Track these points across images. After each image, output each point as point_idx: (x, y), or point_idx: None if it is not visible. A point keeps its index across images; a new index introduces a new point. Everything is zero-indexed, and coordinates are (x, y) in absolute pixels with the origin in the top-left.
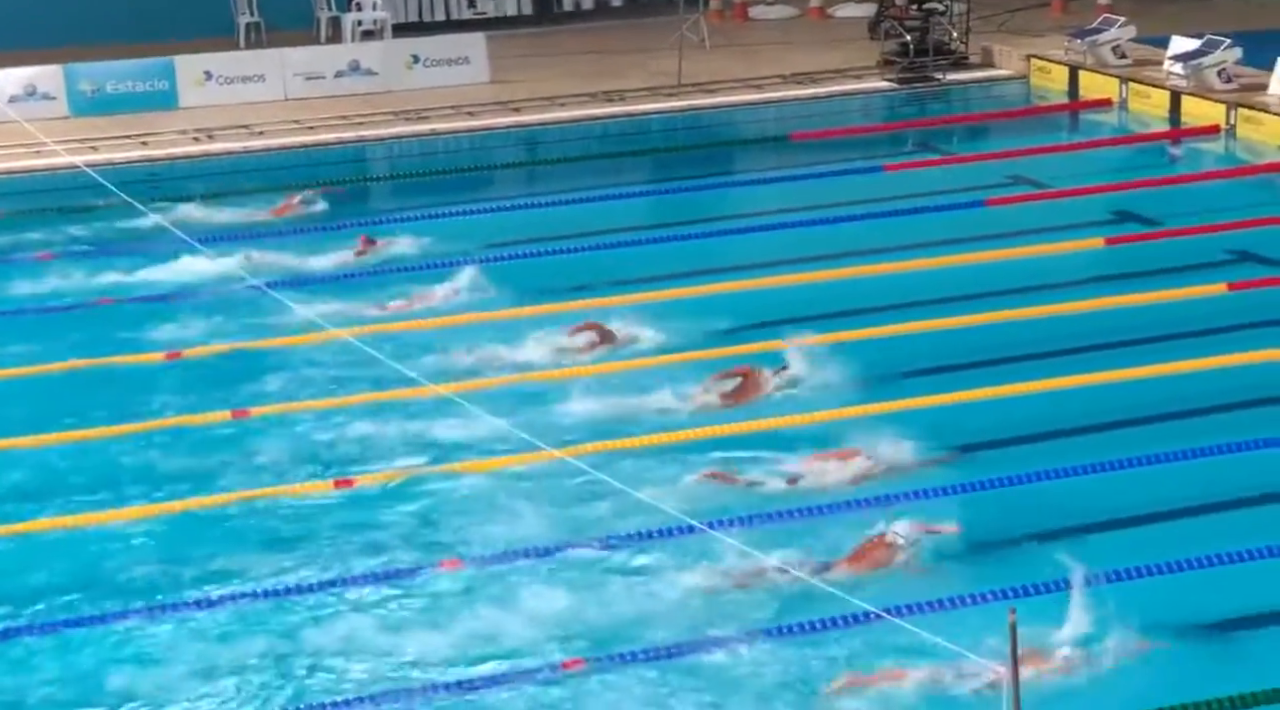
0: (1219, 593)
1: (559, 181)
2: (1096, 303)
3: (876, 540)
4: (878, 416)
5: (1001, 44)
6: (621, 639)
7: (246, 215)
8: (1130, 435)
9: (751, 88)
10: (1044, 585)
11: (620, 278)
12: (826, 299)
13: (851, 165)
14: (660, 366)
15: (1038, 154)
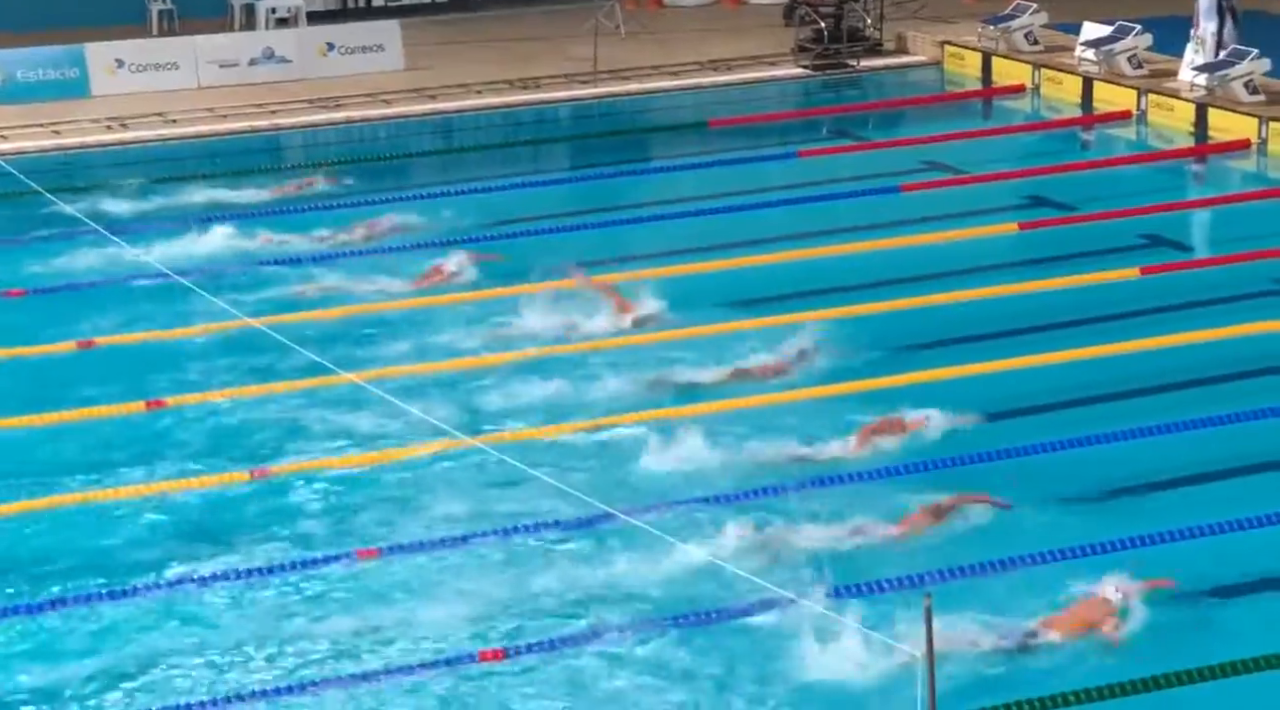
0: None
1: (475, 169)
2: (1011, 288)
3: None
4: (794, 402)
5: (916, 31)
6: (540, 628)
7: (162, 204)
8: (1046, 420)
9: (668, 74)
10: (960, 569)
11: (539, 265)
12: (742, 285)
13: (767, 151)
14: (580, 353)
15: (952, 140)
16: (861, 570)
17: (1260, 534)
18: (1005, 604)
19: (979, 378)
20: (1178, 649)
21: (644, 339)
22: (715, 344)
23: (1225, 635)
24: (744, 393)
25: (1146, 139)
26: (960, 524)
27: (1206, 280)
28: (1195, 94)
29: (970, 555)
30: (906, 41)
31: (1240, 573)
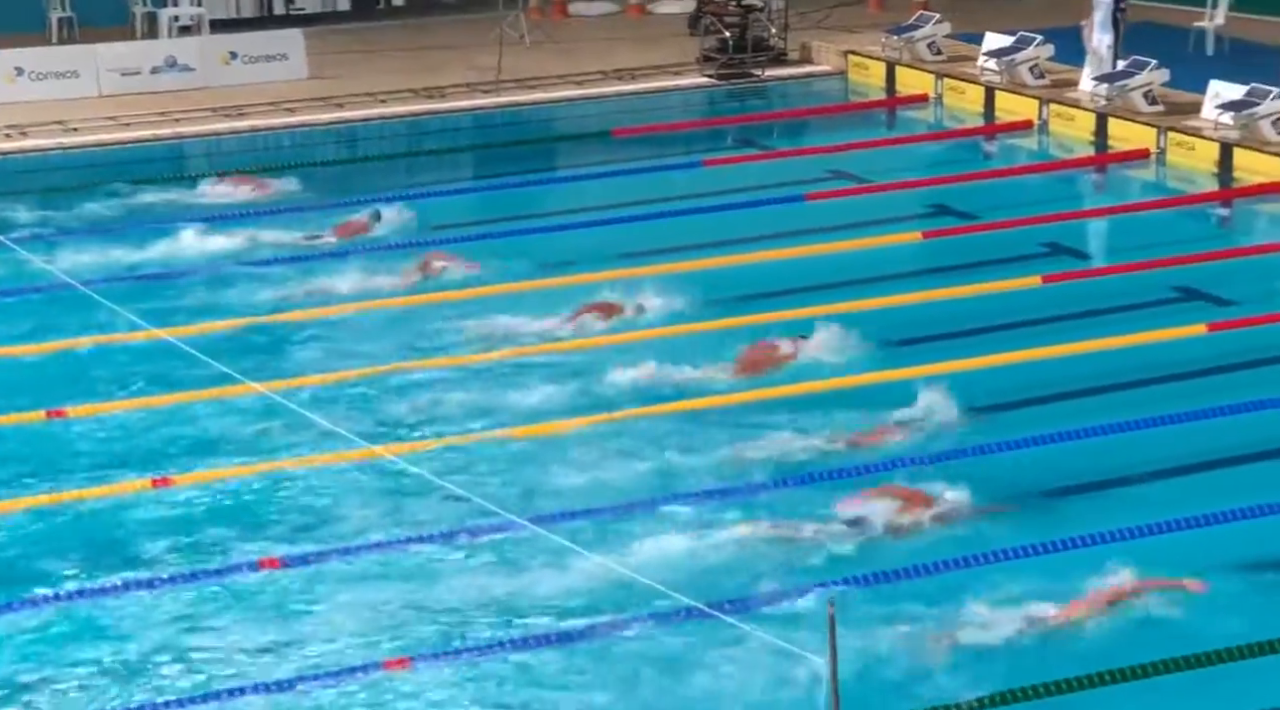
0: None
1: (379, 178)
2: (914, 296)
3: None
4: (702, 410)
5: (820, 40)
6: (447, 637)
7: (62, 213)
8: (950, 430)
9: (572, 84)
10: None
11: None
12: (648, 294)
13: (672, 161)
14: (489, 364)
15: (856, 149)
16: (774, 577)
17: (1170, 539)
18: (916, 613)
19: (881, 385)
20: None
21: (556, 347)
22: (619, 352)
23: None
24: (656, 401)
25: (1048, 148)
26: (863, 533)
27: (1107, 288)
28: (1095, 104)
29: (878, 563)
30: (811, 51)
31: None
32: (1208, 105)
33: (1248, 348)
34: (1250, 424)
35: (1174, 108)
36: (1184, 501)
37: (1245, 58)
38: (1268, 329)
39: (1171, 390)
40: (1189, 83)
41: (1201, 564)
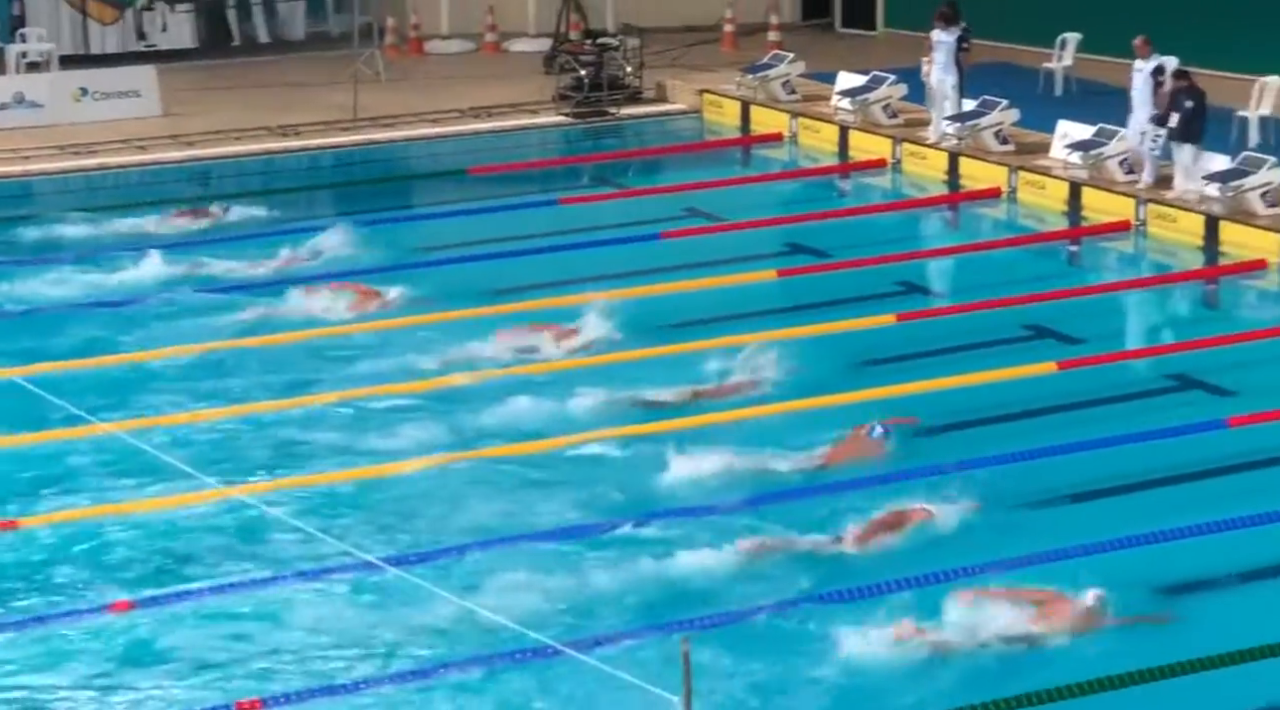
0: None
1: (233, 216)
2: (770, 334)
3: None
4: (561, 449)
5: (675, 79)
6: (298, 677)
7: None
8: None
9: (428, 122)
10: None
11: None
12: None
13: (528, 199)
14: (346, 401)
15: (711, 188)
16: (626, 616)
17: (1018, 574)
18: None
19: (737, 425)
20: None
21: (419, 387)
22: (476, 391)
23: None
24: (512, 439)
25: (901, 187)
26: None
27: (960, 326)
28: (947, 143)
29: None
30: (666, 90)
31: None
32: (1057, 145)
33: (1096, 385)
34: (1100, 459)
35: (1024, 147)
36: (1035, 536)
37: (1093, 98)
38: (1115, 367)
39: (1023, 427)
40: (1038, 122)
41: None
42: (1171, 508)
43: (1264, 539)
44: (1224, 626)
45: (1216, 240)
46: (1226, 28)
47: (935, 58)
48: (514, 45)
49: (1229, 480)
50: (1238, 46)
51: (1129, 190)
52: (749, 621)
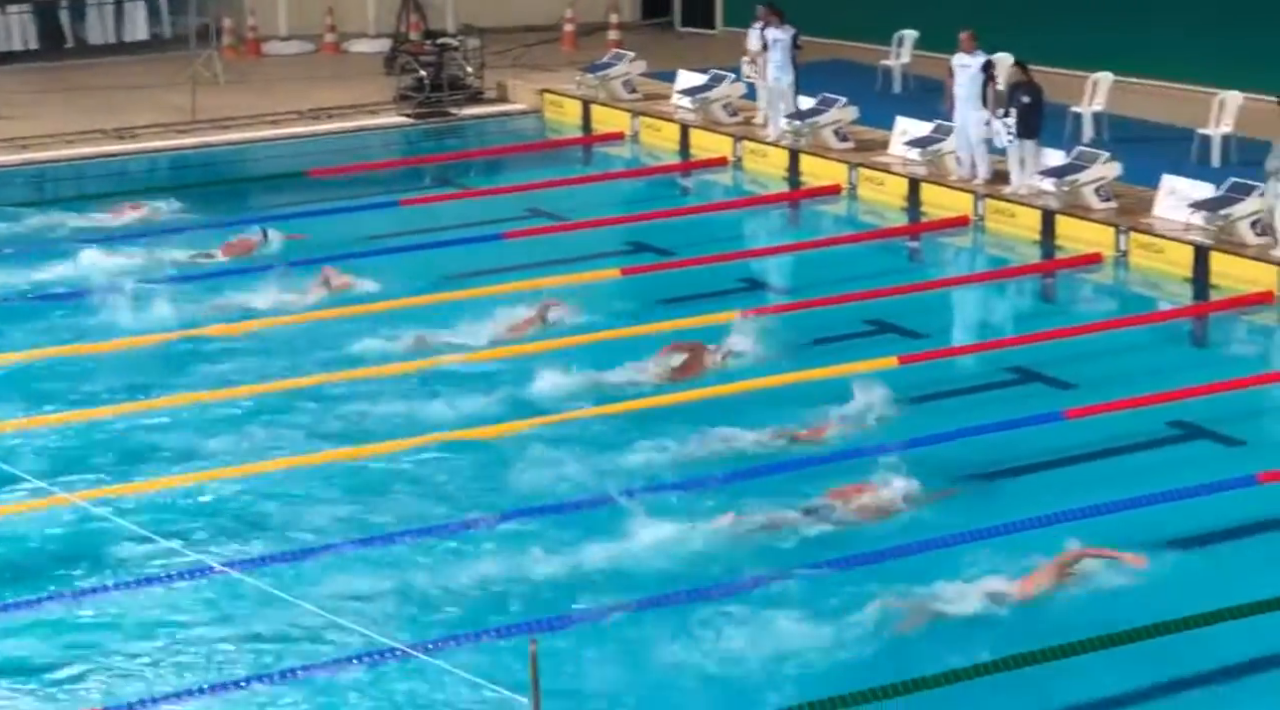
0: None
1: (70, 220)
2: (614, 333)
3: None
4: (408, 450)
5: (516, 79)
6: (141, 683)
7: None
8: (661, 461)
9: (267, 123)
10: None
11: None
12: (340, 335)
13: (369, 200)
14: (188, 405)
15: (554, 187)
16: (474, 618)
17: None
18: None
19: (586, 421)
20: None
21: (258, 389)
22: (321, 392)
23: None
24: (347, 443)
25: (743, 185)
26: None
27: (803, 322)
28: (787, 141)
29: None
30: (507, 90)
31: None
32: (895, 141)
33: (936, 379)
34: (939, 453)
35: (863, 144)
36: (877, 530)
37: (930, 95)
38: (955, 361)
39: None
40: (877, 119)
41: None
42: (1012, 499)
43: (1101, 529)
44: (1069, 616)
45: (1053, 234)
46: (1060, 24)
47: (771, 56)
48: (353, 46)
49: (1066, 472)
50: (1071, 43)
51: (967, 186)
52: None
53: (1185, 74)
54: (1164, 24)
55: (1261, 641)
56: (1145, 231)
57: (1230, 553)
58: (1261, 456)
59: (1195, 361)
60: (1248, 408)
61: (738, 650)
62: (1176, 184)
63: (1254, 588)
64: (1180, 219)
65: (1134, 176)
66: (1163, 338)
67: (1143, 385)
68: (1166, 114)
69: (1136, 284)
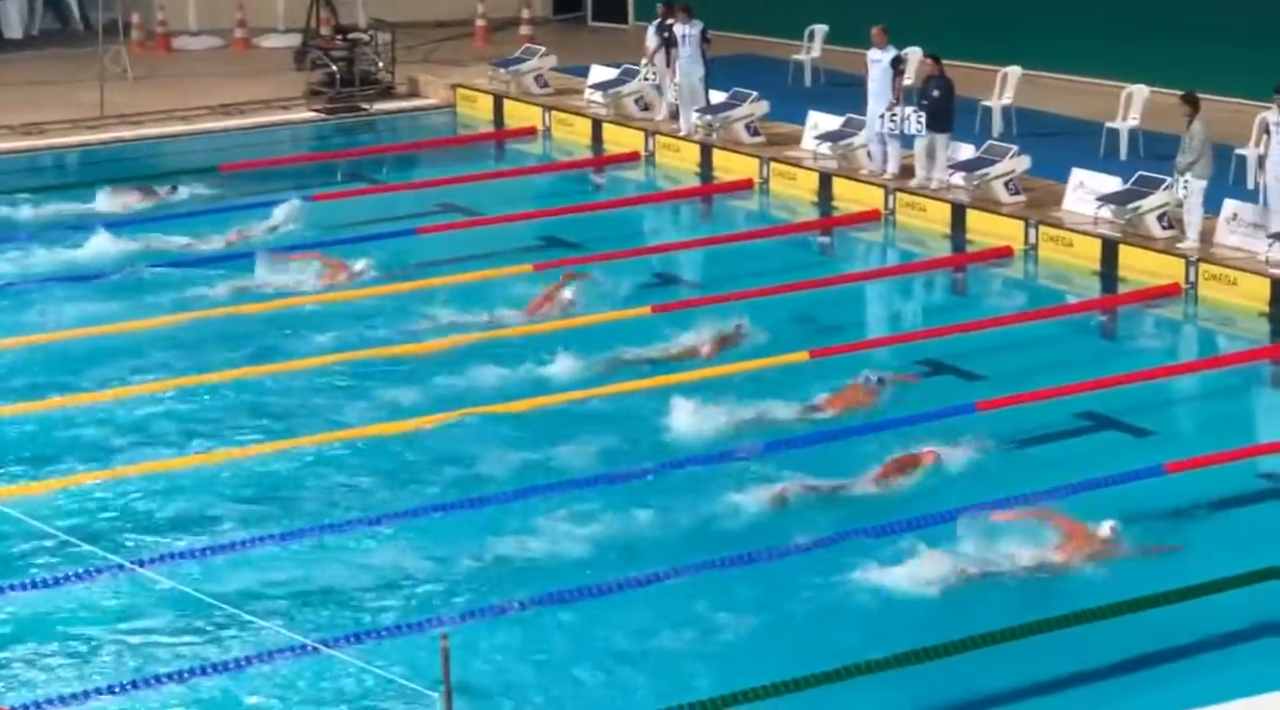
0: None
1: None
2: (528, 329)
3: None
4: (323, 445)
5: (427, 74)
6: (39, 684)
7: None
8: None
9: (178, 119)
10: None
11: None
12: (253, 330)
13: (280, 196)
14: (97, 403)
15: (466, 182)
16: (387, 614)
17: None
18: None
19: (516, 415)
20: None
21: (155, 387)
22: (231, 387)
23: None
24: (273, 438)
25: (655, 180)
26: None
27: (716, 315)
28: (699, 136)
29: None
30: (419, 85)
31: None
32: (807, 136)
33: (848, 372)
34: (851, 445)
35: (775, 139)
36: (789, 520)
37: (841, 89)
38: (866, 354)
39: (777, 415)
40: (789, 114)
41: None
42: (922, 492)
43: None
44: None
45: (964, 228)
46: (970, 19)
47: (681, 51)
48: (264, 41)
49: (977, 463)
50: (981, 37)
51: (879, 180)
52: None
53: (1093, 68)
54: (1072, 19)
55: (1171, 632)
56: (1054, 225)
57: (1139, 542)
58: (1169, 447)
59: (1104, 354)
60: (1155, 399)
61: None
62: (1085, 178)
63: (1163, 578)
64: (1089, 212)
65: (1043, 170)
66: (1072, 330)
67: (1052, 377)
68: (1075, 108)
69: (1046, 277)
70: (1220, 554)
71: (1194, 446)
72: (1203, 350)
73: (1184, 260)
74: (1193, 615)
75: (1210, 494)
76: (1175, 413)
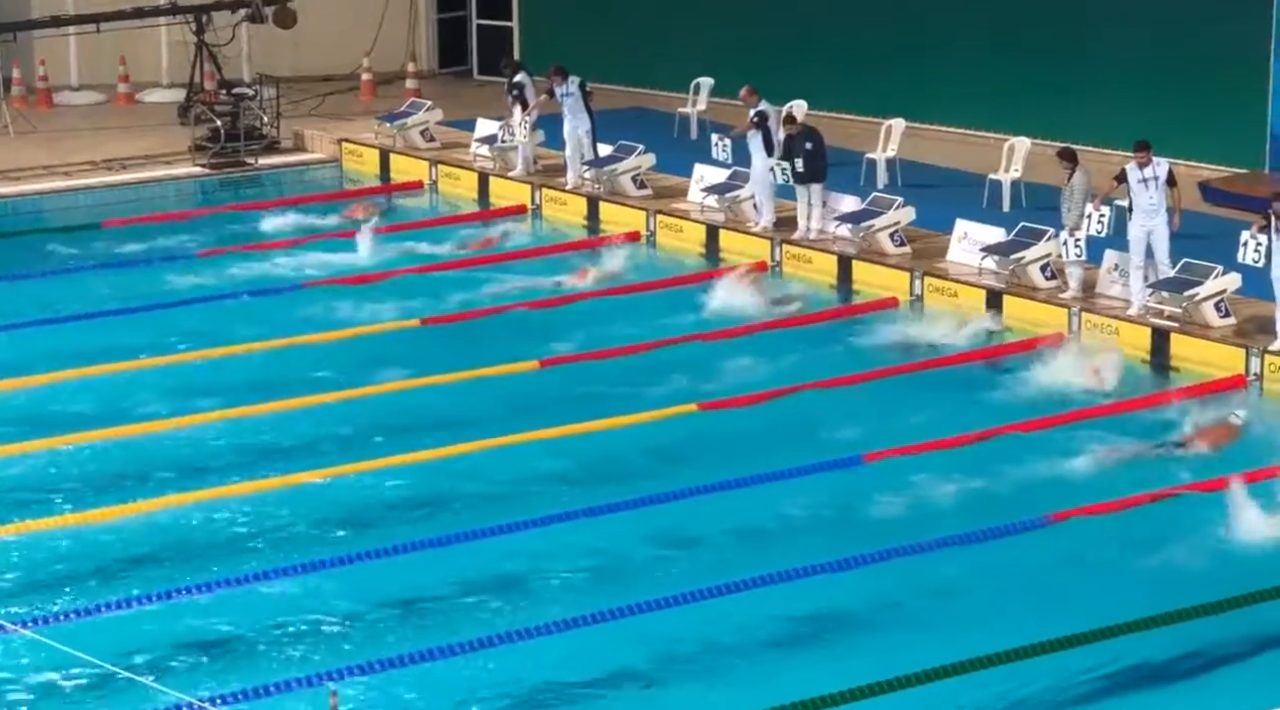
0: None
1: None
2: (415, 382)
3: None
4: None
5: (313, 128)
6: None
7: None
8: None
9: (59, 175)
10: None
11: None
12: (141, 387)
13: (165, 251)
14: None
15: (351, 237)
16: (272, 669)
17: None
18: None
19: (397, 469)
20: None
21: (45, 444)
22: (124, 447)
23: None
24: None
25: (540, 231)
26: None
27: (602, 372)
28: (585, 189)
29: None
30: (304, 139)
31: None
32: (693, 188)
33: (732, 427)
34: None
35: (661, 191)
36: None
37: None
38: (752, 409)
39: (662, 469)
40: (675, 167)
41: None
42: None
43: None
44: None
45: (850, 280)
46: (853, 71)
47: (564, 111)
48: (148, 96)
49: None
50: (864, 90)
51: (765, 232)
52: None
53: (974, 121)
54: (953, 72)
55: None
56: (940, 276)
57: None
58: (1052, 496)
59: (989, 404)
60: (1039, 448)
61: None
62: (969, 228)
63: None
64: (973, 263)
65: (928, 221)
66: (958, 381)
67: (938, 429)
68: (957, 160)
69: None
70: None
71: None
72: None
73: (1066, 310)
74: None
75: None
76: (1058, 462)
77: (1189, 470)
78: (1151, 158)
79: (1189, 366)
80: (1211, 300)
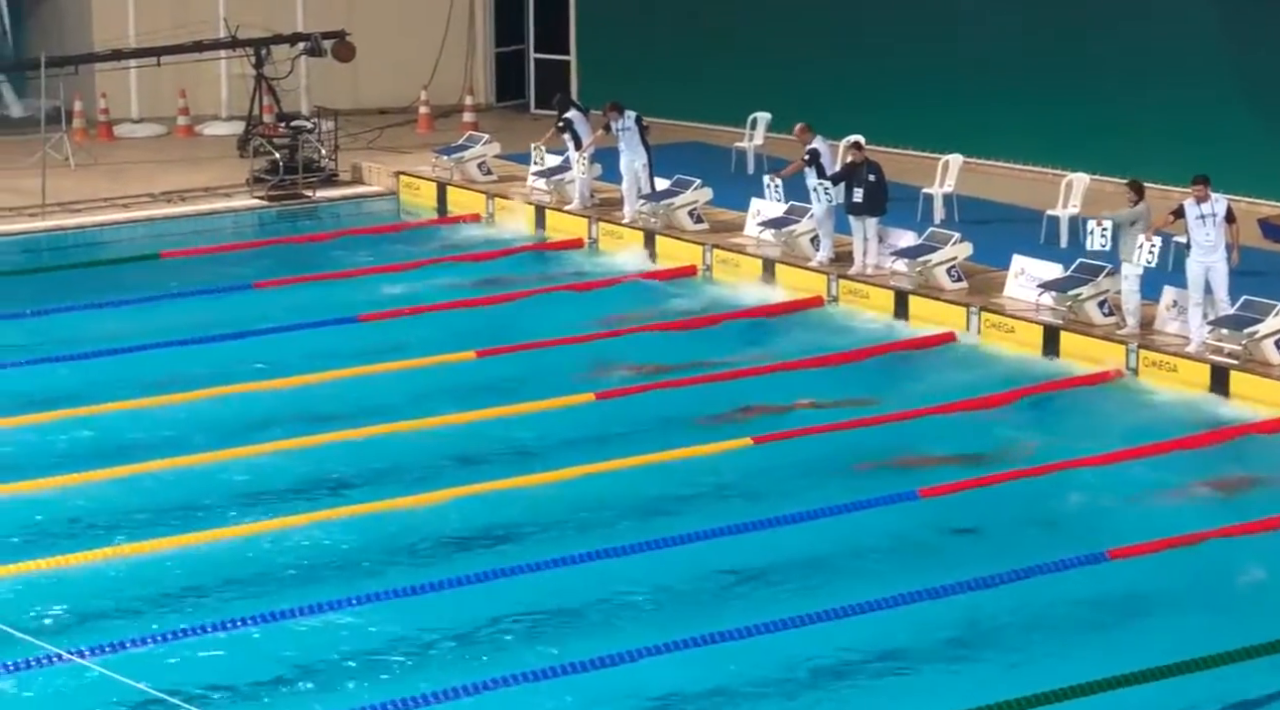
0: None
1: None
2: (470, 415)
3: None
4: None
5: (370, 161)
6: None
7: None
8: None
9: (119, 207)
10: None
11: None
12: (201, 421)
13: (222, 283)
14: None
15: (409, 269)
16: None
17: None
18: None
19: (430, 509)
20: None
21: (107, 474)
22: (183, 477)
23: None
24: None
25: (599, 266)
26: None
27: (663, 402)
28: (642, 222)
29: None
30: (362, 172)
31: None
32: (750, 222)
33: (790, 459)
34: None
35: (718, 225)
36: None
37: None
38: (809, 440)
39: (715, 503)
40: (732, 201)
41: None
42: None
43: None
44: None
45: (906, 314)
46: (911, 107)
47: (620, 145)
48: (207, 129)
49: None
50: (921, 125)
51: (821, 267)
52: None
53: (1032, 156)
54: (1012, 107)
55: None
56: (996, 311)
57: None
58: (1114, 533)
59: (1046, 439)
60: (1095, 484)
61: None
62: (1026, 264)
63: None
64: (1030, 299)
65: (984, 257)
66: (1015, 416)
67: (994, 464)
68: (1015, 196)
69: (988, 363)
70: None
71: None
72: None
73: (1124, 346)
74: None
75: None
76: (1110, 498)
77: (1249, 510)
78: (1210, 193)
79: (1249, 405)
80: (1272, 338)
